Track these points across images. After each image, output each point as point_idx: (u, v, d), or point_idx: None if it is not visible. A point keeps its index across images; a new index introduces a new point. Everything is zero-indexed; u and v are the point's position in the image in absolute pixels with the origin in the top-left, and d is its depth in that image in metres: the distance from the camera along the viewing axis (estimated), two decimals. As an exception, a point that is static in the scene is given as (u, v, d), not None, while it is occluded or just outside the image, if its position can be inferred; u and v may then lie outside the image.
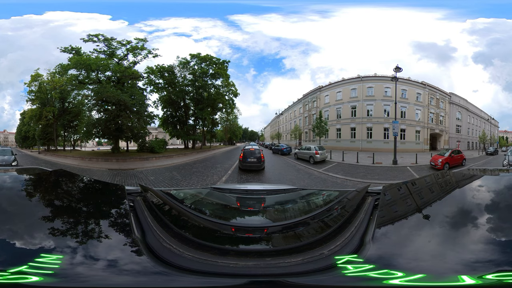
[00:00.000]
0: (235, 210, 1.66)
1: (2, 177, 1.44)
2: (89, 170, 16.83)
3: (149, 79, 30.66)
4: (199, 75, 32.93)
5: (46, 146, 35.99)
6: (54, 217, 1.00)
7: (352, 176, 13.95)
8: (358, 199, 1.35)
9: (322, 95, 45.36)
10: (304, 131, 50.64)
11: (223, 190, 1.99)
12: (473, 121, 50.71)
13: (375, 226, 0.99)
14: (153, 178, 13.27)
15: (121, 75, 25.81)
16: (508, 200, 1.16)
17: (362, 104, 38.87)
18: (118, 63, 26.67)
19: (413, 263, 0.78)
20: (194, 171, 15.68)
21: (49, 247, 0.82)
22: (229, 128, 61.45)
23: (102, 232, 0.95)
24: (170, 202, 1.39)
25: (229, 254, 0.91)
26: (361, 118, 38.73)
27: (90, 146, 44.96)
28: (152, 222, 1.05)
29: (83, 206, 1.23)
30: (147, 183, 11.46)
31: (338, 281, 0.74)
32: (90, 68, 24.60)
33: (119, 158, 22.23)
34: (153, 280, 0.74)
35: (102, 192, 1.56)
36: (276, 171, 15.95)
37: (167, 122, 36.25)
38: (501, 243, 0.84)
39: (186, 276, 0.77)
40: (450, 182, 1.67)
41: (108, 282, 0.72)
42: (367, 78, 39.25)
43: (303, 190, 2.04)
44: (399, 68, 21.18)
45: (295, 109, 57.72)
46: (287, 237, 1.11)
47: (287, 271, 0.81)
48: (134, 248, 0.88)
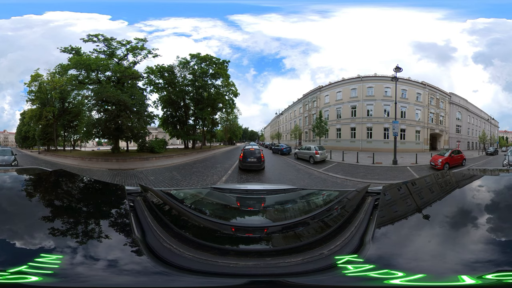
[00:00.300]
0: (235, 210, 1.66)
1: (2, 177, 1.44)
2: (89, 170, 16.83)
3: (149, 79, 30.69)
4: (199, 75, 32.90)
5: (46, 146, 36.05)
6: (54, 217, 1.00)
7: (352, 176, 13.96)
8: (358, 199, 1.35)
9: (322, 95, 45.35)
10: (304, 131, 50.60)
11: (223, 190, 1.99)
12: (473, 121, 50.74)
13: (375, 226, 0.99)
14: (153, 178, 13.27)
15: (121, 75, 25.82)
16: (508, 200, 1.16)
17: (362, 104, 38.87)
18: (118, 63, 26.67)
19: (413, 263, 0.78)
20: (194, 171, 15.68)
21: (49, 247, 0.82)
22: (229, 128, 61.38)
23: (102, 232, 0.95)
24: (170, 202, 1.39)
25: (229, 254, 0.91)
26: (361, 118, 38.73)
27: (90, 146, 44.95)
28: (152, 222, 1.05)
29: (83, 206, 1.23)
30: (147, 183, 11.46)
31: (338, 281, 0.74)
32: (90, 68, 24.62)
33: (119, 158, 22.23)
34: (153, 280, 0.74)
35: (102, 192, 1.56)
36: (276, 171, 15.95)
37: (167, 122, 36.15)
38: (501, 243, 0.83)
39: (186, 276, 0.77)
40: (450, 182, 1.67)
41: (108, 282, 0.72)
42: (367, 78, 39.24)
43: (303, 190, 2.04)
44: (399, 68, 21.17)
45: (295, 109, 57.67)
46: (287, 237, 1.11)
47: (287, 271, 0.81)
48: (134, 248, 0.88)
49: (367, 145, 36.24)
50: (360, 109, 39.04)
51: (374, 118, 37.87)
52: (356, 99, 39.62)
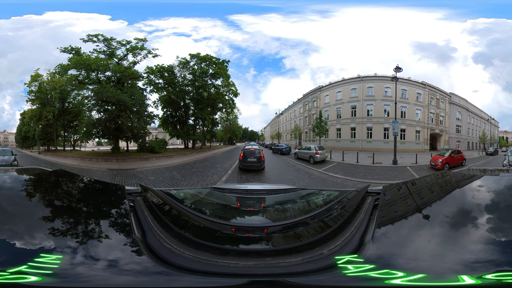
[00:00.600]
0: (235, 210, 1.66)
1: (2, 177, 1.44)
2: (89, 170, 16.83)
3: (149, 79, 30.61)
4: (199, 75, 32.82)
5: (46, 146, 36.17)
6: (54, 217, 1.00)
7: (352, 176, 13.96)
8: (358, 199, 1.35)
9: (322, 95, 45.31)
10: (304, 131, 50.54)
11: (223, 190, 1.99)
12: (473, 121, 50.86)
13: (375, 226, 0.99)
14: (153, 178, 13.27)
15: (121, 75, 25.79)
16: (508, 200, 1.16)
17: (362, 104, 38.84)
18: (118, 63, 26.65)
19: (413, 263, 0.78)
20: (194, 171, 15.68)
21: (49, 247, 0.82)
22: (229, 128, 61.23)
23: (102, 232, 0.95)
24: (170, 202, 1.39)
25: (230, 254, 0.91)
26: (361, 118, 38.71)
27: (90, 146, 44.84)
28: (153, 222, 1.05)
29: (83, 206, 1.23)
30: (147, 183, 11.47)
31: (339, 281, 0.74)
32: (90, 68, 24.58)
33: (119, 158, 22.23)
34: (153, 280, 0.74)
35: (102, 192, 1.56)
36: (276, 171, 15.95)
37: (167, 122, 36.02)
38: (501, 243, 0.83)
39: (187, 276, 0.77)
40: (450, 182, 1.67)
41: (108, 282, 0.72)
42: (367, 78, 39.22)
43: (303, 190, 2.04)
44: (399, 68, 21.18)
45: (295, 109, 57.58)
46: (287, 237, 1.11)
47: (287, 271, 0.81)
48: (134, 248, 0.88)
49: (367, 145, 36.22)
50: (360, 109, 39.03)
51: (374, 118, 37.86)
52: (356, 99, 39.61)
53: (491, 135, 55.21)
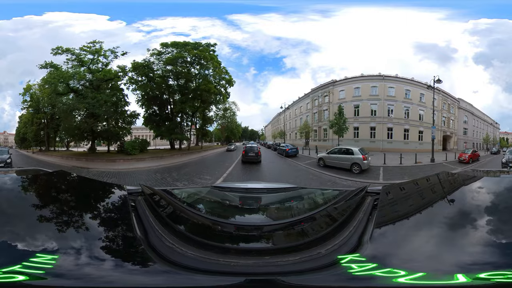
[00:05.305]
0: (235, 208, 1.66)
1: (2, 178, 1.45)
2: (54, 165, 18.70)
3: (129, 78, 28.19)
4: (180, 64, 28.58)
5: (39, 147, 40.31)
6: (54, 218, 1.00)
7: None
8: (358, 199, 1.35)
9: (336, 89, 40.55)
10: (313, 129, 44.16)
11: (224, 189, 1.99)
12: (477, 124, 52.41)
13: (373, 226, 0.99)
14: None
15: (95, 80, 25.46)
16: (508, 202, 1.15)
17: (384, 104, 36.89)
18: (89, 68, 26.17)
19: (409, 264, 0.77)
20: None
21: (46, 248, 0.81)
22: (226, 126, 53.30)
23: (103, 232, 0.95)
24: (171, 201, 1.39)
25: (230, 253, 0.91)
26: (381, 118, 36.69)
27: (82, 147, 44.28)
28: (154, 222, 1.05)
29: (83, 206, 1.22)
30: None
31: (346, 280, 0.74)
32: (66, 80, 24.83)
33: (88, 158, 23.35)
34: (156, 279, 0.75)
35: (103, 192, 1.56)
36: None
37: (150, 120, 31.68)
38: (501, 245, 0.83)
39: (188, 275, 0.78)
40: (450, 183, 1.67)
41: (109, 282, 0.73)
42: (388, 77, 37.50)
43: (303, 189, 2.04)
44: (440, 80, 23.13)
45: (301, 105, 50.40)
46: (286, 236, 1.11)
47: (285, 270, 0.81)
48: (136, 248, 0.89)
49: (387, 145, 34.30)
50: (381, 108, 36.85)
51: (395, 119, 36.54)
52: (377, 97, 37.31)
53: (493, 137, 56.48)
